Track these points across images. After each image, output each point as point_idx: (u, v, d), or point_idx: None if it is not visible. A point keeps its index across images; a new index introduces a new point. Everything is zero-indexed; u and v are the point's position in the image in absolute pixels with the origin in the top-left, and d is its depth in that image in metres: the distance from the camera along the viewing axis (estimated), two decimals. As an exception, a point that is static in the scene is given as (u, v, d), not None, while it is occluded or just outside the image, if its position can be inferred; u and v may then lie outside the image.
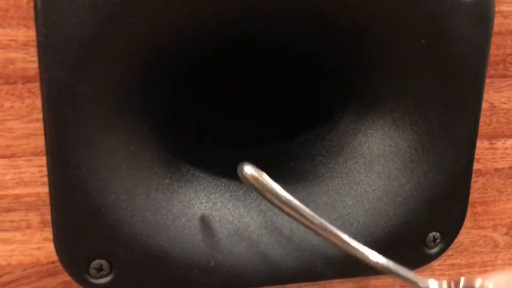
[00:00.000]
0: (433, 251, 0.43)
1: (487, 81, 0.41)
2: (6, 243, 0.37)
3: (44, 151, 0.36)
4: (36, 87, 0.35)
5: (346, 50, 0.40)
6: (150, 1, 0.33)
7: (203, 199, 0.40)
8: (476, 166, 0.43)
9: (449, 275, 0.46)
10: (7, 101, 0.35)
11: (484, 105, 0.42)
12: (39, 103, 0.35)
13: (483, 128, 0.43)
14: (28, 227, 0.37)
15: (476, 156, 0.43)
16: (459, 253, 0.46)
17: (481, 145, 0.43)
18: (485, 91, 0.41)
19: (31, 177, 0.37)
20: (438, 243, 0.43)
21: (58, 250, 0.37)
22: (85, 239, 0.36)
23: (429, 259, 0.44)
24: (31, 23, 0.33)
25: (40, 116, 0.35)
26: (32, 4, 0.33)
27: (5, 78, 0.34)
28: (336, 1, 0.36)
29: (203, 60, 0.40)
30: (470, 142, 0.41)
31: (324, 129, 0.44)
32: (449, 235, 0.44)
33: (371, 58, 0.39)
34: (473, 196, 0.44)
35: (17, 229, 0.37)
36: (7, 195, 0.37)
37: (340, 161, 0.42)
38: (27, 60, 0.34)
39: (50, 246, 0.38)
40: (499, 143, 0.44)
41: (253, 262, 0.40)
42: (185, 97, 0.43)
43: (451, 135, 0.40)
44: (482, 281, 0.29)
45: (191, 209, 0.39)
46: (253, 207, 0.41)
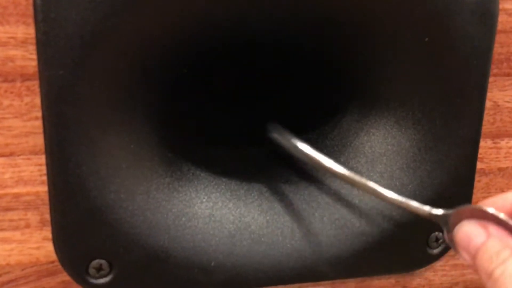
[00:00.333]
0: (436, 251, 0.43)
1: (490, 79, 0.41)
2: (5, 243, 0.37)
3: (43, 150, 0.36)
4: (35, 85, 0.34)
5: (348, 49, 0.40)
6: (150, -2, 0.33)
7: (203, 198, 0.40)
8: (479, 165, 0.43)
9: (451, 275, 0.46)
10: (6, 99, 0.34)
11: (488, 104, 0.42)
12: (38, 101, 0.35)
13: (486, 127, 0.43)
14: (27, 226, 0.37)
15: (479, 156, 0.43)
16: (462, 253, 0.46)
17: (484, 144, 0.43)
18: (488, 90, 0.40)
19: (30, 176, 0.36)
20: (440, 243, 0.43)
21: (57, 249, 0.37)
22: (84, 239, 0.36)
23: (431, 259, 0.44)
24: (30, 20, 0.33)
25: (39, 114, 0.35)
26: (31, 1, 0.33)
27: (4, 76, 0.34)
28: (338, 0, 0.36)
29: (205, 59, 0.40)
30: (473, 141, 0.41)
31: (327, 128, 0.44)
32: (452, 236, 0.43)
33: (374, 57, 0.39)
34: (477, 195, 0.44)
35: (16, 228, 0.37)
36: (6, 194, 0.36)
37: (342, 160, 0.42)
38: (26, 58, 0.34)
39: (49, 246, 0.38)
40: (503, 142, 0.44)
41: (254, 262, 0.40)
42: (187, 96, 0.43)
43: (454, 134, 0.40)
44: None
45: (191, 208, 0.39)
46: (254, 207, 0.41)
